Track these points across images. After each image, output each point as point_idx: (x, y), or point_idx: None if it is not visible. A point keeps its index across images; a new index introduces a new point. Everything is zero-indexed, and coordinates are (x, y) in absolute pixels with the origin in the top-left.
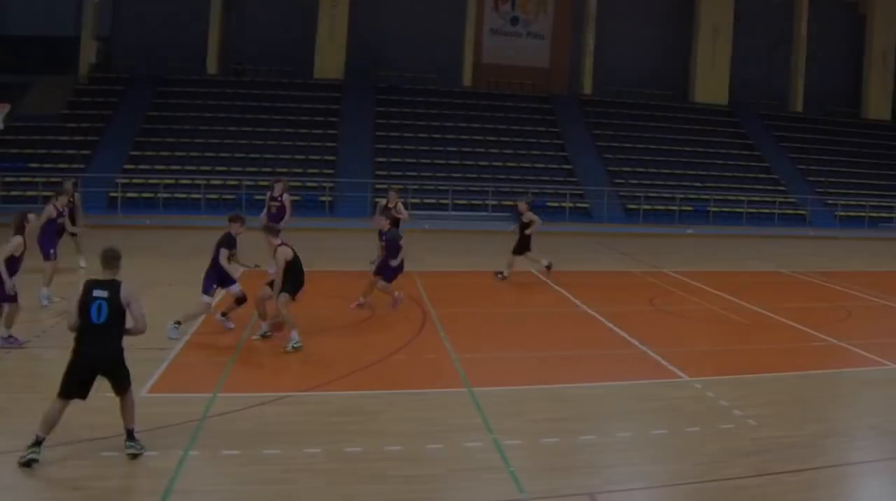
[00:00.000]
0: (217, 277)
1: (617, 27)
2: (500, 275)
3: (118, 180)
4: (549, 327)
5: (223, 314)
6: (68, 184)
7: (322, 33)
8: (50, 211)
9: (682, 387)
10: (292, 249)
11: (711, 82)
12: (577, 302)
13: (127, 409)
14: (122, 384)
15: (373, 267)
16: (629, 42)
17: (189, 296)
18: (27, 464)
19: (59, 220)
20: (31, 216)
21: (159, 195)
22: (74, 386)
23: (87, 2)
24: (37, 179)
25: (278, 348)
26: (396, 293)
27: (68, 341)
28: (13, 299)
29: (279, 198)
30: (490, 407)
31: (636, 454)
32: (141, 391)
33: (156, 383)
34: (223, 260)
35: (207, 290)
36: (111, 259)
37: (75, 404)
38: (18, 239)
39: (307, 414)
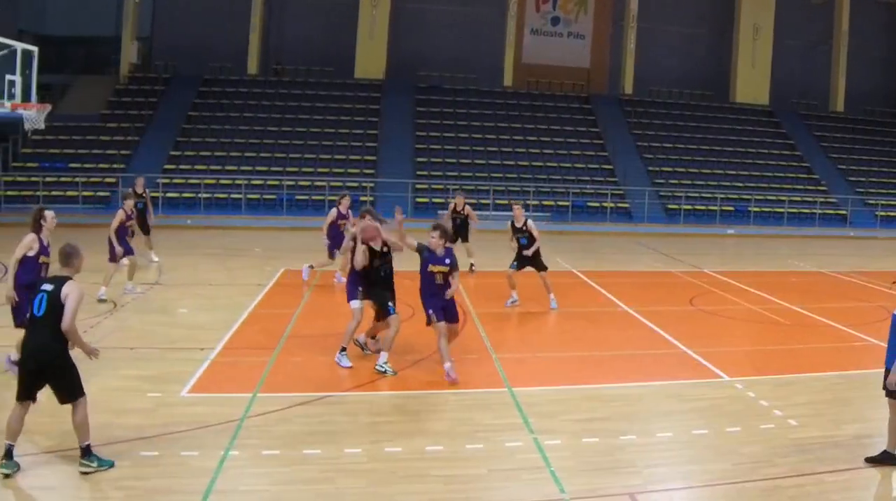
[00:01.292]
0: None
1: (657, 27)
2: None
3: (158, 180)
4: (589, 327)
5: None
6: (139, 186)
7: (363, 33)
8: (121, 215)
9: (723, 387)
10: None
11: (752, 82)
12: (618, 302)
13: (77, 423)
14: (61, 390)
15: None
16: (670, 42)
17: (229, 296)
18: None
19: (129, 223)
20: (48, 214)
21: (200, 195)
22: (21, 386)
23: (128, 2)
24: (77, 179)
25: (318, 348)
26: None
27: (109, 340)
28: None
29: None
30: (530, 407)
31: (676, 454)
32: (181, 391)
33: (196, 383)
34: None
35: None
36: (66, 255)
37: (111, 406)
38: (31, 236)
39: (347, 414)
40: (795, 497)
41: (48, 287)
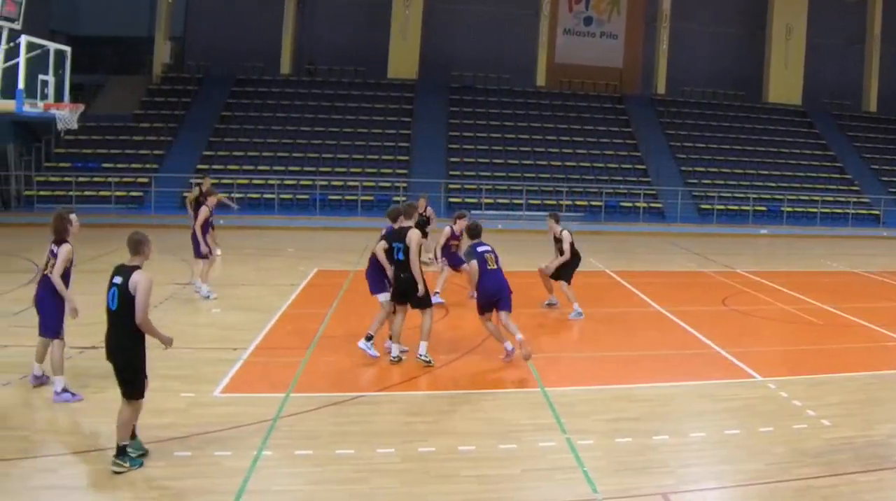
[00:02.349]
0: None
1: (690, 27)
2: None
3: (192, 180)
4: (621, 327)
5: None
6: (208, 184)
7: (395, 33)
8: (205, 212)
9: (755, 387)
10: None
11: (785, 82)
12: (651, 302)
13: (121, 421)
14: (123, 384)
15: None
16: (702, 42)
17: (262, 296)
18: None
19: (211, 219)
20: (72, 217)
21: (233, 195)
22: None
23: (161, 2)
24: (110, 179)
25: (351, 348)
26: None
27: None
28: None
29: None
30: (563, 407)
31: (709, 453)
32: (214, 391)
33: (229, 383)
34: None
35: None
36: (136, 243)
37: (145, 406)
38: (68, 247)
39: (380, 414)
40: (828, 497)
41: (118, 279)
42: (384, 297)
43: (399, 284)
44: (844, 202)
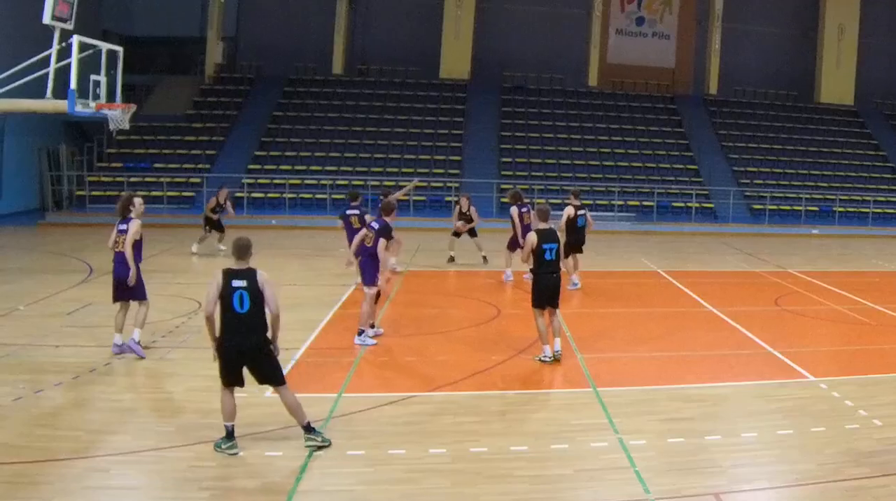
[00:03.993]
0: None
1: (742, 27)
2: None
3: (243, 180)
4: (673, 327)
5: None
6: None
7: (447, 33)
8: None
9: (808, 387)
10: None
11: (837, 82)
12: (703, 302)
13: (291, 408)
14: (269, 374)
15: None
16: (754, 42)
17: (314, 295)
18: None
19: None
20: (136, 200)
21: (285, 195)
22: (229, 375)
23: (213, 3)
24: (162, 179)
25: (404, 348)
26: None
27: (194, 341)
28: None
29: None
30: (615, 407)
31: (761, 454)
32: (266, 391)
33: None
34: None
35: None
36: (243, 248)
37: (197, 406)
38: (137, 222)
39: (432, 414)
40: (880, 497)
41: (241, 283)
42: (374, 290)
43: (552, 283)
44: None
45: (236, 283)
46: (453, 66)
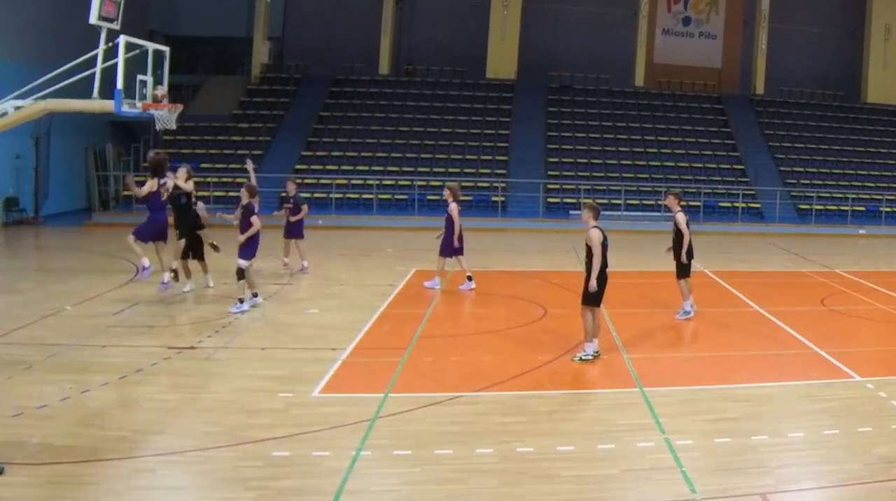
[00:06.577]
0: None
1: (788, 27)
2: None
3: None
4: (719, 327)
5: None
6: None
7: (494, 33)
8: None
9: (854, 387)
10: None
11: (884, 82)
12: (749, 302)
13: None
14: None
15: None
16: (801, 41)
17: (361, 296)
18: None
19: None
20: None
21: (331, 195)
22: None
23: (260, 3)
24: (208, 179)
25: (450, 348)
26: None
27: (239, 341)
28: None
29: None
30: (661, 407)
31: (807, 454)
32: (313, 391)
33: (327, 383)
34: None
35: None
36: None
37: (244, 406)
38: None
39: (479, 414)
40: None
41: None
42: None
43: (606, 280)
44: None
45: None
46: (500, 65)
